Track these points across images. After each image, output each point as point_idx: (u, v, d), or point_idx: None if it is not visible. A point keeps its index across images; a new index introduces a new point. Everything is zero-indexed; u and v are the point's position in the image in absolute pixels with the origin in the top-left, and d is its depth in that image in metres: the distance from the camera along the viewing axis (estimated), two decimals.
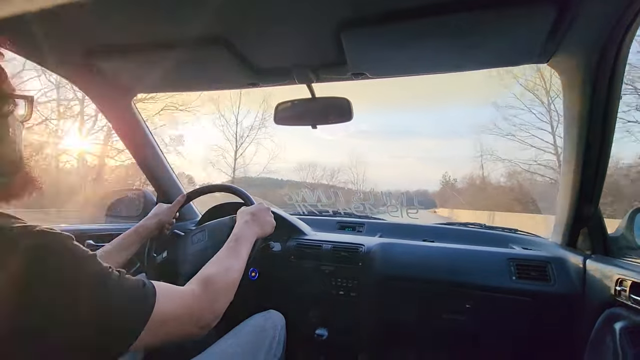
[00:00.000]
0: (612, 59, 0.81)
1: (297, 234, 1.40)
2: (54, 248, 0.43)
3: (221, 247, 0.81)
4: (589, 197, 1.00)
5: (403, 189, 9.41)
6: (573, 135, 0.97)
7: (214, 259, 0.71)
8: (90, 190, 8.58)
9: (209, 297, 0.60)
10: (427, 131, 20.41)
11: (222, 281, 0.64)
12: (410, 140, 21.88)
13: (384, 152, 20.28)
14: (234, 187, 1.14)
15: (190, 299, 0.56)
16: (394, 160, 19.62)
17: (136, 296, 0.49)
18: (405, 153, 19.12)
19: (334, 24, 0.81)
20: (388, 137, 21.64)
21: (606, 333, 0.87)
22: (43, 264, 0.41)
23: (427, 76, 1.10)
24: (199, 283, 0.61)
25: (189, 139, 22.26)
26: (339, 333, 1.30)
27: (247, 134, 15.87)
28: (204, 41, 0.90)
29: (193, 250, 1.02)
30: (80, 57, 1.00)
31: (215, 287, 0.62)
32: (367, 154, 20.85)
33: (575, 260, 1.05)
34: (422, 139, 22.06)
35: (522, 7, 0.71)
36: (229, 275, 0.67)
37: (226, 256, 0.73)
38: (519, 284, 1.08)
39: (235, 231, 0.83)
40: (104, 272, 0.47)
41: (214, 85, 1.24)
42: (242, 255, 0.76)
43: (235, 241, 0.78)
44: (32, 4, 0.25)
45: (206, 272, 0.64)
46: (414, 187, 10.84)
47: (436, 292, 1.18)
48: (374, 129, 27.45)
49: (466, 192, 14.76)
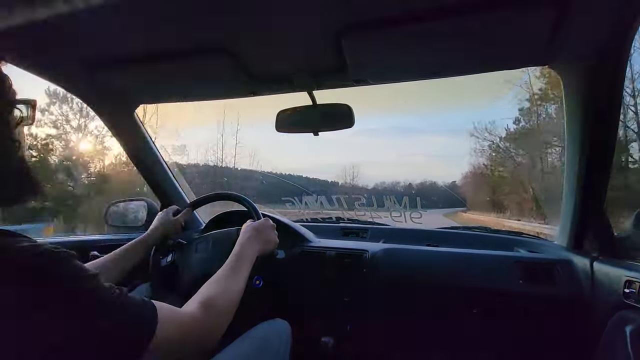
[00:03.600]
0: (613, 61, 0.81)
1: (301, 240, 1.40)
2: (53, 270, 0.43)
3: (223, 259, 0.81)
4: (594, 198, 0.99)
5: (415, 187, 8.88)
6: (576, 136, 0.96)
7: (214, 278, 0.71)
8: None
9: (209, 320, 0.60)
10: (434, 129, 20.08)
11: (223, 304, 0.64)
12: (419, 138, 21.50)
13: (392, 150, 20.01)
14: (242, 198, 1.13)
15: (191, 323, 0.56)
16: (403, 159, 19.26)
17: (138, 319, 0.48)
18: (414, 151, 18.86)
19: (334, 30, 0.82)
20: (396, 135, 21.37)
21: (616, 336, 0.85)
22: (43, 286, 0.41)
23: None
24: (200, 306, 0.60)
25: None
26: (344, 340, 1.29)
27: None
28: (205, 50, 0.91)
29: (196, 259, 1.02)
30: (81, 69, 1.01)
31: (216, 310, 0.62)
32: (375, 152, 20.62)
33: (582, 263, 1.04)
34: (430, 137, 21.65)
35: (522, 11, 0.72)
36: (229, 297, 0.67)
37: (227, 276, 0.73)
38: (526, 288, 1.07)
39: (237, 248, 0.83)
40: (106, 293, 0.47)
41: (215, 94, 1.25)
42: (243, 274, 0.76)
43: (236, 260, 0.78)
44: (33, 15, 0.26)
45: (207, 294, 0.64)
46: (426, 186, 9.94)
47: (442, 297, 1.16)
48: (381, 127, 26.91)
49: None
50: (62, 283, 0.43)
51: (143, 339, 0.47)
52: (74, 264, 0.46)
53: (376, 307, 1.24)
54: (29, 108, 0.54)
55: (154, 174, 1.47)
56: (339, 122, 1.13)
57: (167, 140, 10.62)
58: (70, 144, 9.97)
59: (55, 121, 9.82)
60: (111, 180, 9.07)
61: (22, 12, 0.26)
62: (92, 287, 0.46)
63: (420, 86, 2.58)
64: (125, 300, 0.48)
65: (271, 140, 15.35)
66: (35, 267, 0.42)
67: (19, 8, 0.27)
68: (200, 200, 1.23)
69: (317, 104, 1.13)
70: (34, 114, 0.55)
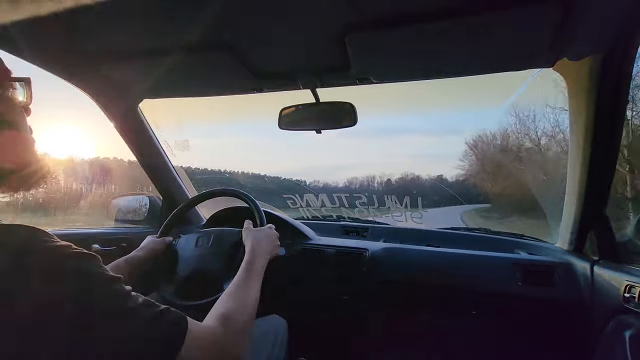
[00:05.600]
0: (618, 61, 0.80)
1: (302, 238, 1.40)
2: (79, 271, 0.43)
3: (219, 259, 0.79)
4: (596, 201, 0.99)
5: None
6: (579, 138, 0.96)
7: (229, 292, 0.69)
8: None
9: (230, 337, 0.58)
10: (417, 128, 19.66)
11: (242, 320, 0.62)
12: (401, 139, 21.06)
13: (374, 150, 19.75)
14: (248, 197, 1.13)
15: (212, 339, 0.55)
16: (384, 159, 18.93)
17: (169, 332, 0.48)
18: (396, 152, 18.57)
19: (338, 28, 0.82)
20: (378, 136, 21.09)
21: (615, 340, 0.85)
22: (69, 287, 0.41)
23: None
24: (221, 323, 0.58)
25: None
26: (343, 338, 1.29)
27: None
28: (209, 47, 0.91)
29: (195, 253, 1.02)
30: (86, 62, 1.02)
31: (237, 327, 0.60)
32: (357, 153, 20.47)
33: (582, 266, 1.04)
34: (413, 136, 21.24)
35: (526, 10, 0.71)
36: (247, 311, 0.66)
37: (242, 288, 0.71)
38: (525, 290, 1.07)
39: (248, 258, 0.82)
40: (138, 301, 0.46)
41: (219, 90, 1.25)
42: (256, 287, 0.75)
43: (248, 270, 0.77)
44: (38, 9, 0.26)
45: (225, 310, 0.62)
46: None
47: (441, 297, 1.17)
48: (362, 129, 26.73)
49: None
50: (81, 282, 0.43)
51: (170, 353, 0.46)
52: (96, 264, 0.46)
53: (375, 306, 1.24)
54: (25, 87, 0.53)
55: (156, 169, 1.48)
56: (342, 120, 1.13)
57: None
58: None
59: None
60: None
61: (27, 5, 0.26)
62: (113, 290, 0.45)
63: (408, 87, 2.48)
64: (155, 312, 0.48)
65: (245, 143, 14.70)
66: (61, 268, 0.42)
67: (25, 1, 0.27)
68: (207, 194, 1.23)
69: (320, 102, 1.14)
70: (30, 93, 0.54)
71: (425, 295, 1.18)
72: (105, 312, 0.43)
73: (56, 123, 2.02)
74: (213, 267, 0.97)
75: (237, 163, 14.16)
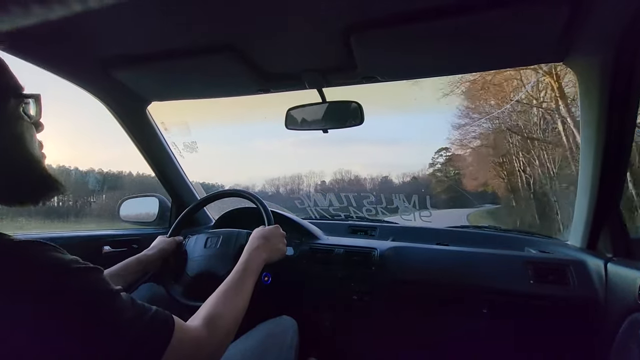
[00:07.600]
0: (630, 55, 0.79)
1: (310, 238, 1.40)
2: (76, 284, 0.44)
3: (226, 261, 0.80)
4: (609, 197, 0.97)
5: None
6: (591, 133, 0.94)
7: (220, 292, 0.69)
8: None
9: (215, 340, 0.59)
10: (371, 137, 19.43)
11: (227, 324, 0.63)
12: (354, 148, 20.92)
13: (330, 159, 19.87)
14: (257, 199, 1.13)
15: (196, 340, 0.56)
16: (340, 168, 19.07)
17: (152, 337, 0.48)
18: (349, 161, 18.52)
19: (343, 28, 0.82)
20: (332, 144, 21.13)
21: (631, 339, 0.84)
22: (65, 299, 0.42)
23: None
24: (206, 325, 0.59)
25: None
26: (353, 338, 1.29)
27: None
28: (216, 49, 0.92)
29: (204, 254, 1.03)
30: (94, 66, 1.03)
31: (222, 330, 0.61)
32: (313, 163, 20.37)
33: (596, 264, 1.02)
34: (365, 146, 21.01)
35: (535, 5, 0.70)
36: (234, 315, 0.66)
37: (233, 289, 0.71)
38: (537, 288, 1.05)
39: (244, 258, 0.82)
40: (125, 312, 0.47)
41: (226, 92, 1.26)
42: (248, 289, 0.75)
43: (243, 270, 0.77)
44: (46, 13, 0.26)
45: (212, 312, 0.63)
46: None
47: (451, 297, 1.15)
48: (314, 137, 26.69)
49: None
50: (83, 297, 0.44)
51: (159, 350, 0.47)
52: (99, 278, 0.47)
53: (384, 306, 1.24)
54: (35, 103, 0.54)
55: (165, 170, 1.49)
56: (348, 119, 1.13)
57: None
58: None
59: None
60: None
61: (37, 11, 0.27)
62: (112, 304, 0.46)
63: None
64: (141, 320, 0.48)
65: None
66: (58, 280, 0.42)
67: (34, 5, 0.27)
68: (213, 195, 1.24)
69: (327, 101, 1.14)
70: (40, 108, 0.55)
71: (435, 294, 1.17)
72: (103, 324, 0.44)
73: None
74: (221, 268, 0.98)
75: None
